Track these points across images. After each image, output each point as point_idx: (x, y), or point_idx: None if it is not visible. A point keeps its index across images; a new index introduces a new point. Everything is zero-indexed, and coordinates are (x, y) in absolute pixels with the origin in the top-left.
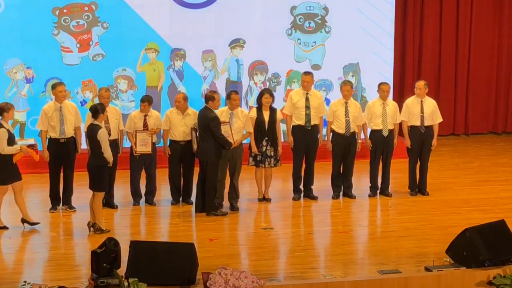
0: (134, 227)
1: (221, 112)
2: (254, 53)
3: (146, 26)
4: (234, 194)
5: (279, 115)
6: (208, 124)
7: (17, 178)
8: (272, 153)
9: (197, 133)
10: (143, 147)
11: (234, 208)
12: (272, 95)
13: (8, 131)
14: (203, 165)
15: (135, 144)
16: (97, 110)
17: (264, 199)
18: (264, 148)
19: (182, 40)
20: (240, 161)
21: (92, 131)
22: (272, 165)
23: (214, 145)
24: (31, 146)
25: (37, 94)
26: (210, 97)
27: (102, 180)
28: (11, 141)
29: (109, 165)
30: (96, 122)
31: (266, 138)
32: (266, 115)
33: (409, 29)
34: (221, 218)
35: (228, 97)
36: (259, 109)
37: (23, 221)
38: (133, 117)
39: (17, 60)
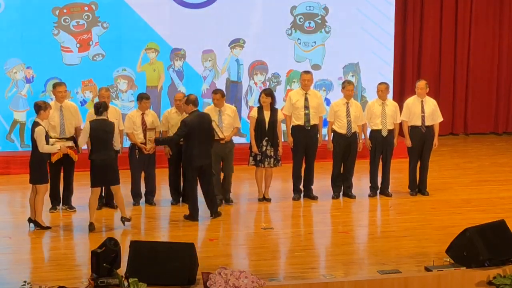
0: (134, 227)
1: (210, 110)
2: (254, 53)
3: (146, 26)
4: (227, 187)
5: (280, 116)
6: (211, 126)
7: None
8: (272, 153)
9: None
10: (150, 144)
11: (228, 201)
12: (268, 95)
13: (44, 129)
14: (205, 169)
15: (145, 142)
16: (99, 107)
17: (264, 199)
18: (264, 148)
19: (182, 40)
20: (231, 155)
21: (106, 126)
22: (272, 165)
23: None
24: (70, 147)
25: (37, 94)
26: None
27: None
28: (46, 140)
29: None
30: (102, 117)
31: (266, 138)
32: (266, 115)
33: (409, 29)
34: (221, 218)
35: None
36: (260, 108)
37: (30, 220)
38: (131, 116)
39: (17, 60)
